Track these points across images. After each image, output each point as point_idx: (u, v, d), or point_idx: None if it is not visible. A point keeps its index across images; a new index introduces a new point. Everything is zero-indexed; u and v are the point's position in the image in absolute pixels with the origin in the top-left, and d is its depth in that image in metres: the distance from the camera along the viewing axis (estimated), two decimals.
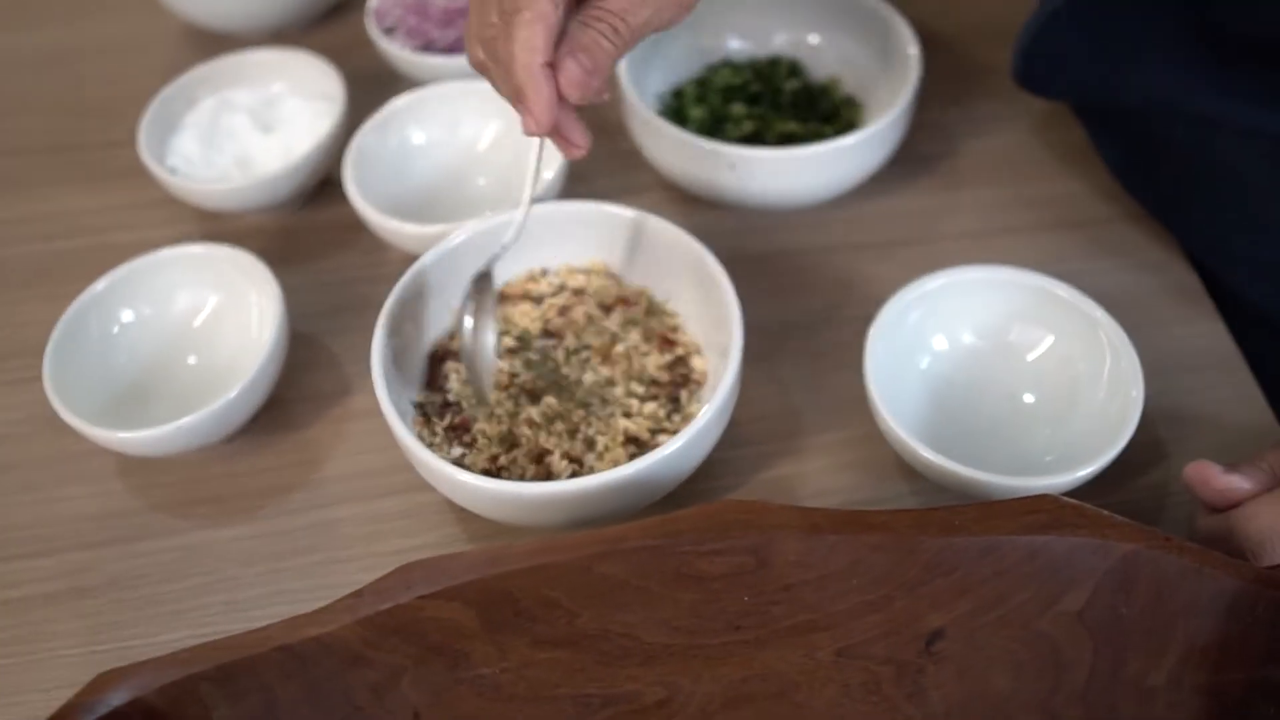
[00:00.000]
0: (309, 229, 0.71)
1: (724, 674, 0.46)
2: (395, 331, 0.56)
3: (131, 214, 0.72)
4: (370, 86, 0.74)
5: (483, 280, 0.54)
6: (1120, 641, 0.44)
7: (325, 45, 0.80)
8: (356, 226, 0.68)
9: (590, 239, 0.61)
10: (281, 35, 0.83)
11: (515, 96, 0.46)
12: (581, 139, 0.49)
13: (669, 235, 0.58)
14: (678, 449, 0.50)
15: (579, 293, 0.61)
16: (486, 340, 0.53)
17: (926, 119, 0.72)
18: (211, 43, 0.83)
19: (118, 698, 0.41)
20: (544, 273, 0.62)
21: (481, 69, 0.49)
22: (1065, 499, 0.45)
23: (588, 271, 0.62)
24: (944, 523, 0.46)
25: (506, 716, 0.45)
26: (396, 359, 0.56)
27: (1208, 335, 0.61)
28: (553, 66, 0.45)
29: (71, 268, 0.68)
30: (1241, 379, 0.59)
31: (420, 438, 0.54)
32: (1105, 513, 0.45)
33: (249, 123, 0.69)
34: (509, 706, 0.45)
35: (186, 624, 0.54)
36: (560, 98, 0.46)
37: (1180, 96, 0.59)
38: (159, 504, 0.59)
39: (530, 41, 0.44)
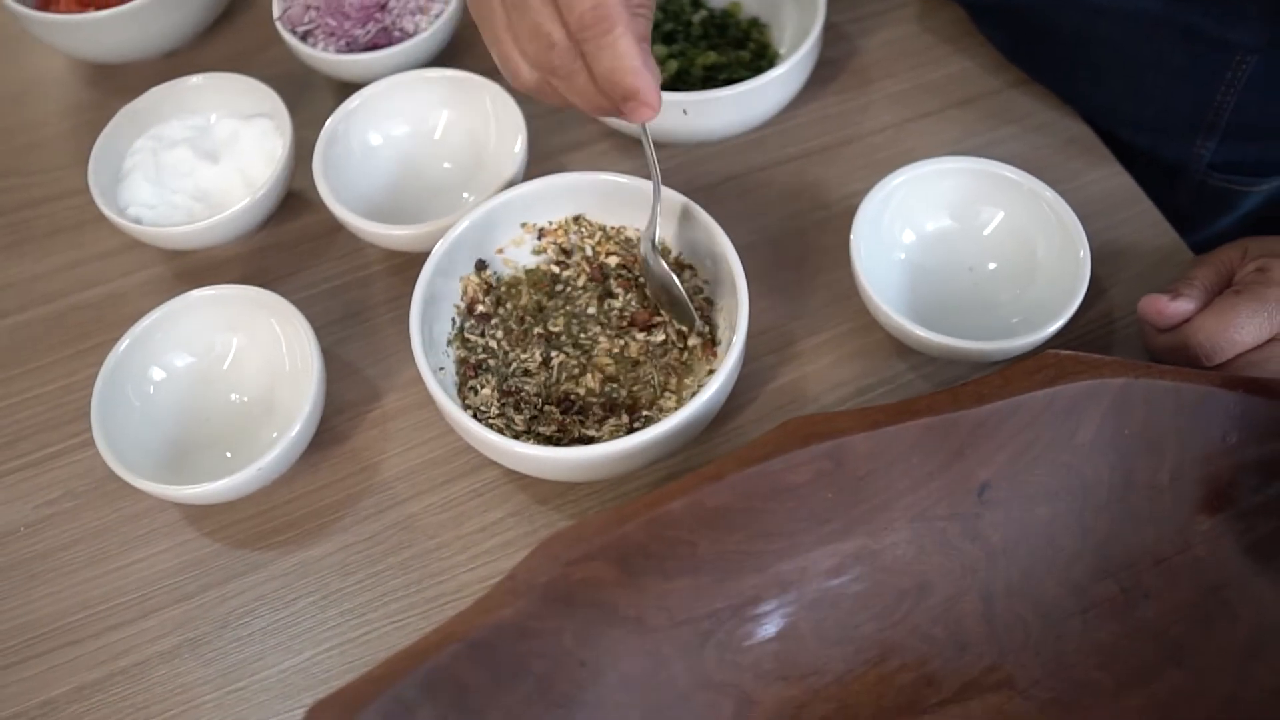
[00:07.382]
0: (278, 246, 0.72)
1: (821, 560, 0.53)
2: (425, 328, 0.59)
3: (91, 268, 0.71)
4: (292, 91, 0.74)
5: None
6: (1129, 456, 0.54)
7: (222, 60, 0.79)
8: (324, 234, 0.69)
9: (579, 202, 0.65)
10: (173, 56, 0.81)
11: (625, 97, 0.50)
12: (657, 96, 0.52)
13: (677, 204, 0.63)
14: (719, 386, 0.56)
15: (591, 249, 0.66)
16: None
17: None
18: (104, 75, 0.81)
19: None
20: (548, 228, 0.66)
21: (538, 91, 0.54)
22: (1065, 353, 0.54)
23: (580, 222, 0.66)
24: (975, 394, 0.54)
25: (654, 644, 0.52)
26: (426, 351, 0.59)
27: (1111, 177, 0.71)
28: None
29: (51, 335, 0.68)
30: (1146, 210, 0.69)
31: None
32: (1098, 356, 0.54)
33: (192, 155, 0.69)
34: (655, 636, 0.52)
35: (313, 642, 0.58)
36: None
37: None
38: (238, 542, 0.61)
39: (630, 49, 0.49)
